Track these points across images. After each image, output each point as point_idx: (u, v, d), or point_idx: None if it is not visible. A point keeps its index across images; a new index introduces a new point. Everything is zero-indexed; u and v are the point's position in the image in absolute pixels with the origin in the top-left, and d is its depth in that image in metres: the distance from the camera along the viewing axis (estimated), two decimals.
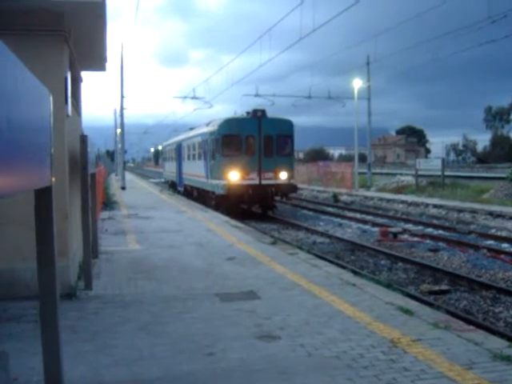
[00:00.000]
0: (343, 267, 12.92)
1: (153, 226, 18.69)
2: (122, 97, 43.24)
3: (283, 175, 26.68)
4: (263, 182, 26.22)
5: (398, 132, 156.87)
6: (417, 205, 29.65)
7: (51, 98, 4.15)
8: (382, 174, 54.72)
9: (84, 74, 14.83)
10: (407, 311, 8.18)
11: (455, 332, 7.21)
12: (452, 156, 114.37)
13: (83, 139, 9.28)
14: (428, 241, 19.24)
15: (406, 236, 20.24)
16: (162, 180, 56.78)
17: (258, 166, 26.30)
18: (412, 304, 8.80)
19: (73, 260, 9.44)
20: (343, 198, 37.53)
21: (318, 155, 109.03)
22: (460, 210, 26.28)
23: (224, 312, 8.22)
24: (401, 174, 48.81)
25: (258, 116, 26.68)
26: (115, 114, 71.35)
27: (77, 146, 9.74)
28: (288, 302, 8.73)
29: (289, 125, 27.74)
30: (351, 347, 6.60)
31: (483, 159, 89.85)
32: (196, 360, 6.27)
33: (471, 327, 7.65)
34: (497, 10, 24.48)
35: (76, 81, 13.47)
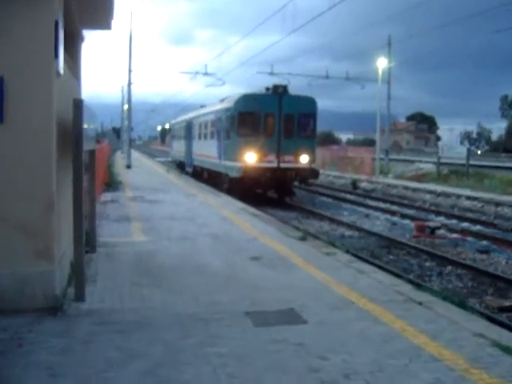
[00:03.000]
0: (396, 275, 10.65)
1: (161, 212, 16.48)
2: (130, 70, 40.94)
3: (304, 159, 24.31)
4: (282, 165, 23.87)
5: (409, 118, 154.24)
6: (447, 195, 27.30)
7: None
8: (398, 160, 52.19)
9: (88, 39, 12.57)
10: (507, 349, 5.98)
11: None
12: (466, 144, 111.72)
13: (77, 104, 7.01)
14: (470, 238, 17.00)
15: (442, 231, 17.95)
16: (169, 159, 54.44)
17: (277, 147, 23.90)
18: (507, 336, 6.60)
19: (60, 262, 7.23)
20: (363, 184, 35.15)
21: (327, 139, 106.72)
22: (498, 204, 23.95)
23: (261, 345, 6.00)
24: (420, 161, 46.38)
25: (278, 92, 24.17)
26: (122, 90, 69.04)
27: (71, 115, 7.47)
28: (345, 331, 6.51)
29: (312, 103, 25.27)
30: None
31: (508, 147, 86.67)
32: None
33: None
34: None
35: (75, 38, 11.22)
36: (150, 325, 6.49)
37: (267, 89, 24.59)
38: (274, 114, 24.08)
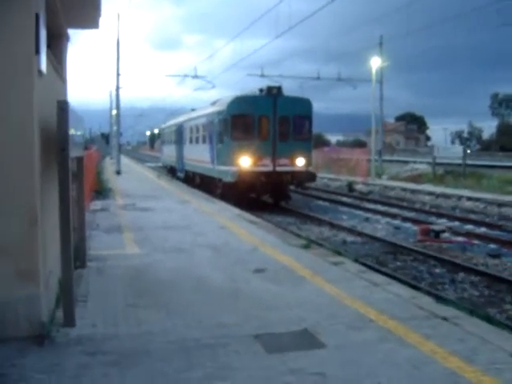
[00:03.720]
0: (411, 286, 9.91)
1: (154, 221, 15.71)
2: (118, 74, 40.14)
3: (300, 162, 23.57)
4: (277, 168, 23.11)
5: (398, 119, 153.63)
6: (447, 197, 26.65)
7: None
8: (391, 161, 51.60)
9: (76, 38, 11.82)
10: None
11: None
12: (456, 144, 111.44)
13: (62, 107, 6.26)
14: (476, 241, 16.31)
15: (447, 235, 17.26)
16: (160, 164, 53.59)
17: (272, 150, 23.13)
18: None
19: (46, 283, 6.46)
20: (358, 187, 34.43)
21: (317, 140, 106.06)
22: (501, 204, 23.31)
23: (276, 376, 5.25)
24: (414, 162, 45.82)
25: (272, 94, 23.38)
26: (110, 95, 68.21)
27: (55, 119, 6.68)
28: (369, 356, 5.77)
29: (307, 104, 24.53)
30: None
31: (503, 146, 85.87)
32: None
33: None
34: None
35: (61, 37, 10.46)
36: (149, 354, 5.72)
37: (261, 90, 23.84)
38: (268, 116, 23.32)
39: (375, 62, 38.29)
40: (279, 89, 23.78)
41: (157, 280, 8.96)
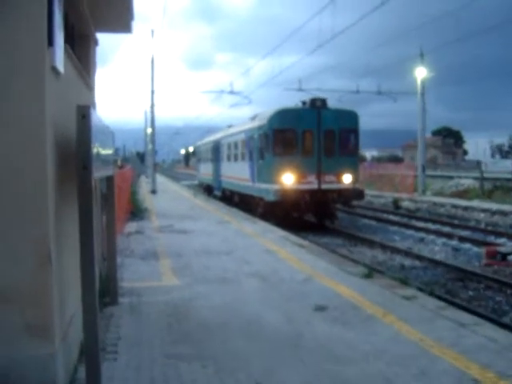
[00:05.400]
0: (500, 324, 8.34)
1: (193, 245, 14.35)
2: (153, 92, 39.28)
3: (347, 178, 22.01)
4: (323, 186, 21.59)
5: (434, 133, 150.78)
6: (504, 214, 24.80)
7: None
8: (434, 176, 49.61)
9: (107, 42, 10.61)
10: None
11: None
12: (497, 157, 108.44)
13: (83, 113, 4.90)
14: None
15: None
16: (196, 182, 52.43)
17: (317, 167, 21.63)
18: None
19: (64, 337, 5.10)
20: (405, 204, 32.67)
21: None
22: None
23: None
24: (459, 177, 43.91)
25: (316, 106, 21.89)
26: (145, 114, 67.57)
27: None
28: None
29: (354, 117, 22.93)
30: None
31: None
32: None
33: None
34: None
35: (86, 39, 9.22)
36: None
37: (303, 103, 22.41)
38: (312, 130, 21.82)
39: (420, 73, 36.45)
40: (323, 101, 22.24)
41: (200, 321, 7.56)
